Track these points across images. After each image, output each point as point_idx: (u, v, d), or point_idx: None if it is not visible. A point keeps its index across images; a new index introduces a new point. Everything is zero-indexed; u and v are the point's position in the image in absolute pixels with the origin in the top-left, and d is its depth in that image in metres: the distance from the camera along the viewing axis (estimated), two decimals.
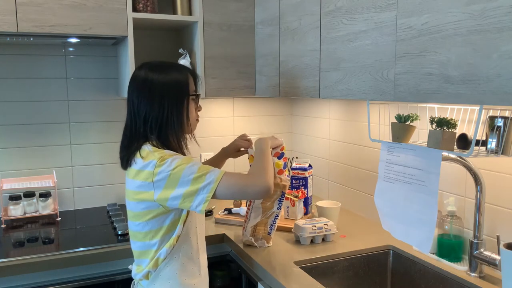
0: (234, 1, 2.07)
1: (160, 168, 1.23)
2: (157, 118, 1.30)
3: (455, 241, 1.51)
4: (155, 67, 1.35)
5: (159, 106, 1.30)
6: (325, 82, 1.58)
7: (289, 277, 1.41)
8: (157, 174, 1.24)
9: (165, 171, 1.23)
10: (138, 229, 1.32)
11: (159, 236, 1.31)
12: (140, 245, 1.35)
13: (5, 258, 1.57)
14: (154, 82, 1.31)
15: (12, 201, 2.01)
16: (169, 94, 1.32)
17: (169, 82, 1.32)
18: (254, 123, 2.55)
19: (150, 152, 1.28)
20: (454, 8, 1.05)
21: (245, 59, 2.13)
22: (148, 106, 1.30)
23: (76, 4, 1.79)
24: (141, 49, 2.23)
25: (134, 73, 1.37)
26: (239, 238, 1.75)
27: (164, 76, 1.32)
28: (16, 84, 2.09)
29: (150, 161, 1.25)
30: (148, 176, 1.25)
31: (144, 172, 1.26)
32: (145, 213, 1.29)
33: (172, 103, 1.32)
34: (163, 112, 1.31)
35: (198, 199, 1.23)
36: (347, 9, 1.45)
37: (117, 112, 2.26)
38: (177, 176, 1.23)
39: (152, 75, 1.32)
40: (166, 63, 1.39)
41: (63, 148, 2.19)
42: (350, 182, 2.13)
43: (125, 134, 1.37)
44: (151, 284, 1.34)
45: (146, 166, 1.26)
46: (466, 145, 1.31)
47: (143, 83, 1.32)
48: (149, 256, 1.33)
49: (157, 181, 1.24)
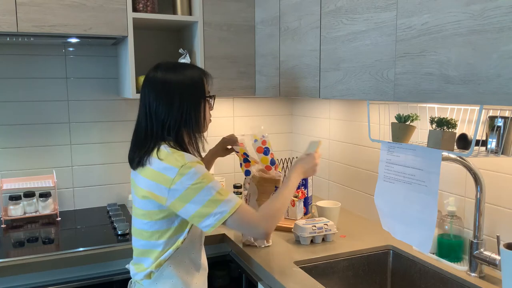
0: (234, 1, 2.07)
1: (181, 178, 1.22)
2: (175, 120, 1.31)
3: (455, 241, 1.51)
4: (171, 68, 1.34)
5: (178, 108, 1.30)
6: (325, 82, 1.58)
7: (289, 277, 1.41)
8: (176, 183, 1.22)
9: (185, 183, 1.22)
10: (145, 227, 1.31)
11: (165, 237, 1.30)
12: (143, 244, 1.34)
13: (5, 258, 1.57)
14: (173, 84, 1.31)
15: (12, 201, 2.01)
16: (188, 96, 1.32)
17: (187, 84, 1.32)
18: (254, 123, 2.55)
19: (169, 154, 1.27)
20: (454, 8, 1.05)
21: (245, 59, 2.13)
22: (166, 108, 1.30)
23: (76, 4, 1.79)
24: (141, 49, 2.24)
25: (149, 74, 1.36)
26: (239, 238, 1.75)
27: (182, 77, 1.33)
28: (16, 84, 2.09)
29: (171, 166, 1.24)
30: (166, 181, 1.23)
31: (163, 175, 1.24)
32: (156, 212, 1.28)
33: (191, 104, 1.32)
34: (182, 114, 1.31)
35: (207, 221, 1.23)
36: (347, 9, 1.45)
37: (117, 112, 2.26)
38: (194, 192, 1.22)
39: (170, 77, 1.32)
40: (180, 64, 1.39)
41: (63, 148, 2.19)
42: (350, 182, 2.13)
43: (138, 134, 1.36)
44: (153, 284, 1.33)
45: (166, 170, 1.24)
46: (466, 145, 1.31)
47: (162, 86, 1.31)
48: (153, 256, 1.32)
49: (173, 190, 1.23)
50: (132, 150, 1.37)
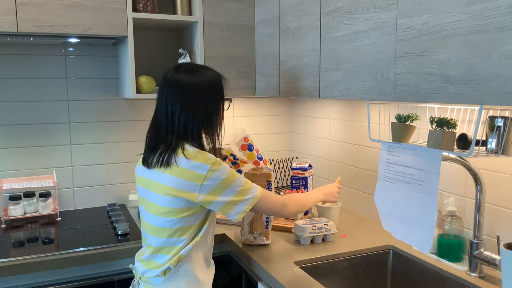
0: (234, 1, 2.07)
1: (213, 174, 1.29)
2: (197, 121, 1.35)
3: (455, 241, 1.51)
4: (193, 70, 1.38)
5: (200, 110, 1.35)
6: (325, 82, 1.58)
7: (289, 277, 1.41)
8: (209, 179, 1.29)
9: (218, 178, 1.30)
10: (168, 225, 1.33)
11: (187, 233, 1.33)
12: (162, 242, 1.35)
13: (5, 258, 1.57)
14: (196, 86, 1.35)
15: (12, 201, 2.01)
16: (210, 98, 1.37)
17: (209, 86, 1.38)
18: (254, 123, 2.55)
19: (196, 153, 1.31)
20: (454, 8, 1.05)
21: (245, 59, 2.13)
22: (189, 109, 1.34)
23: (76, 4, 1.79)
24: (141, 49, 2.24)
25: (170, 75, 1.38)
26: (239, 238, 1.75)
27: (204, 80, 1.37)
28: (16, 84, 2.09)
29: (201, 163, 1.29)
30: (197, 178, 1.28)
31: (193, 172, 1.28)
32: (183, 210, 1.31)
33: (211, 106, 1.38)
34: (203, 115, 1.36)
35: (237, 208, 1.34)
36: (347, 9, 1.45)
37: (117, 112, 2.26)
38: (227, 185, 1.31)
39: (193, 79, 1.36)
40: (200, 66, 1.43)
41: (63, 148, 2.19)
42: (350, 182, 2.13)
43: (157, 135, 1.37)
44: (167, 281, 1.34)
45: (196, 167, 1.29)
46: (466, 145, 1.31)
47: (185, 88, 1.34)
48: (171, 252, 1.34)
49: (205, 185, 1.29)
50: (150, 150, 1.38)
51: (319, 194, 1.64)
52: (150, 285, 1.36)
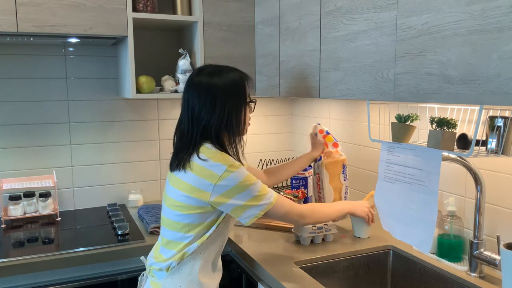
0: (234, 1, 2.07)
1: (229, 175, 1.28)
2: (217, 123, 1.35)
3: (455, 241, 1.51)
4: (215, 72, 1.38)
5: (220, 112, 1.34)
6: (325, 82, 1.58)
7: (289, 277, 1.41)
8: (224, 179, 1.28)
9: (232, 181, 1.29)
10: (178, 219, 1.34)
11: (195, 231, 1.33)
12: (171, 234, 1.36)
13: (5, 258, 1.57)
14: (216, 88, 1.35)
15: (12, 201, 2.01)
16: (230, 100, 1.36)
17: (230, 88, 1.37)
18: (254, 123, 2.55)
19: (215, 152, 1.32)
20: (454, 8, 1.05)
21: (245, 59, 2.13)
22: (209, 111, 1.34)
23: (76, 4, 1.79)
24: (141, 49, 2.24)
25: (193, 78, 1.39)
26: (239, 238, 1.75)
27: (225, 81, 1.36)
28: (16, 84, 2.09)
29: (218, 163, 1.29)
30: (212, 177, 1.28)
31: (210, 171, 1.28)
32: (193, 207, 1.31)
33: (232, 108, 1.37)
34: (223, 117, 1.35)
35: (250, 212, 1.33)
36: (347, 9, 1.45)
37: (117, 112, 2.26)
38: (242, 189, 1.30)
39: (213, 81, 1.35)
40: (224, 67, 1.42)
41: (63, 148, 2.19)
42: (350, 182, 2.12)
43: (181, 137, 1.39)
44: (169, 277, 1.35)
45: (212, 166, 1.29)
46: (466, 145, 1.31)
47: (205, 89, 1.35)
48: (177, 248, 1.34)
49: (219, 186, 1.28)
50: (176, 154, 1.39)
51: (348, 206, 1.60)
52: (155, 279, 1.37)
